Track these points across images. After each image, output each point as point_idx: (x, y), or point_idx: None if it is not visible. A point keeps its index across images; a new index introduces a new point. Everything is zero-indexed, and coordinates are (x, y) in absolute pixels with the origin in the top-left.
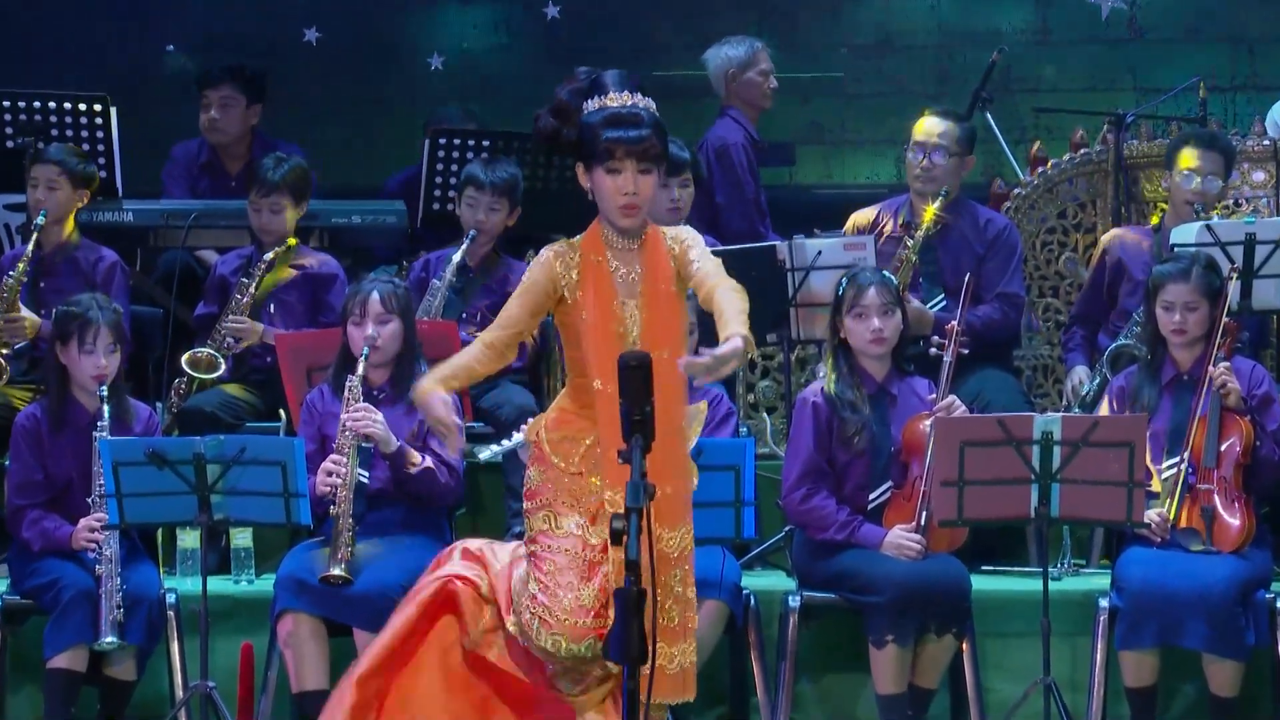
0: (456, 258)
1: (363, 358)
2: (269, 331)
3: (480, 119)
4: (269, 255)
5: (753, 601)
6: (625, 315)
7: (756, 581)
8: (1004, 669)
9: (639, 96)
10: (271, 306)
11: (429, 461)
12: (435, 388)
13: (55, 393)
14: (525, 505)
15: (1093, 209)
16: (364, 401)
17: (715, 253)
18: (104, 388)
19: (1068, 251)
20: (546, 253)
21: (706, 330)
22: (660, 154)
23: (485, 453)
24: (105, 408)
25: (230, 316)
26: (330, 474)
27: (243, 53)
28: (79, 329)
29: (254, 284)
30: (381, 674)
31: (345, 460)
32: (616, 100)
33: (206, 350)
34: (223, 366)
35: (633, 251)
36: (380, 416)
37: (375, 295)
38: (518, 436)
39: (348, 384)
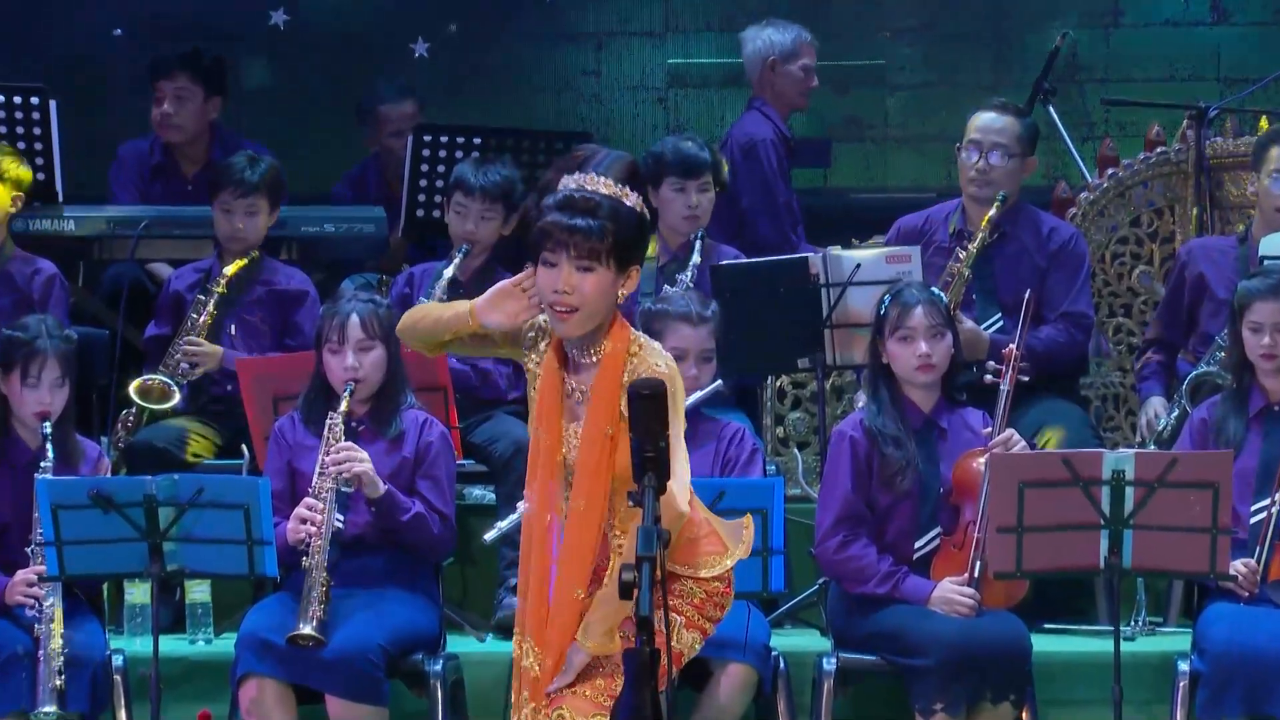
0: (448, 273)
1: (346, 395)
2: (230, 356)
3: (469, 113)
4: (228, 269)
5: (782, 664)
6: (567, 441)
7: (787, 642)
8: None
9: (616, 185)
10: (233, 328)
11: (420, 507)
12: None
13: None
14: None
15: (1170, 216)
16: (344, 439)
17: (740, 266)
18: (47, 424)
19: (1142, 265)
20: (540, 322)
21: (725, 359)
22: (609, 251)
23: (491, 533)
24: (49, 445)
25: (185, 338)
26: (305, 520)
27: (200, 38)
28: (23, 359)
29: (211, 301)
30: None
31: (322, 506)
32: (577, 182)
33: (158, 378)
34: (177, 396)
35: (590, 364)
36: (366, 456)
37: (355, 319)
38: (523, 507)
39: (328, 422)
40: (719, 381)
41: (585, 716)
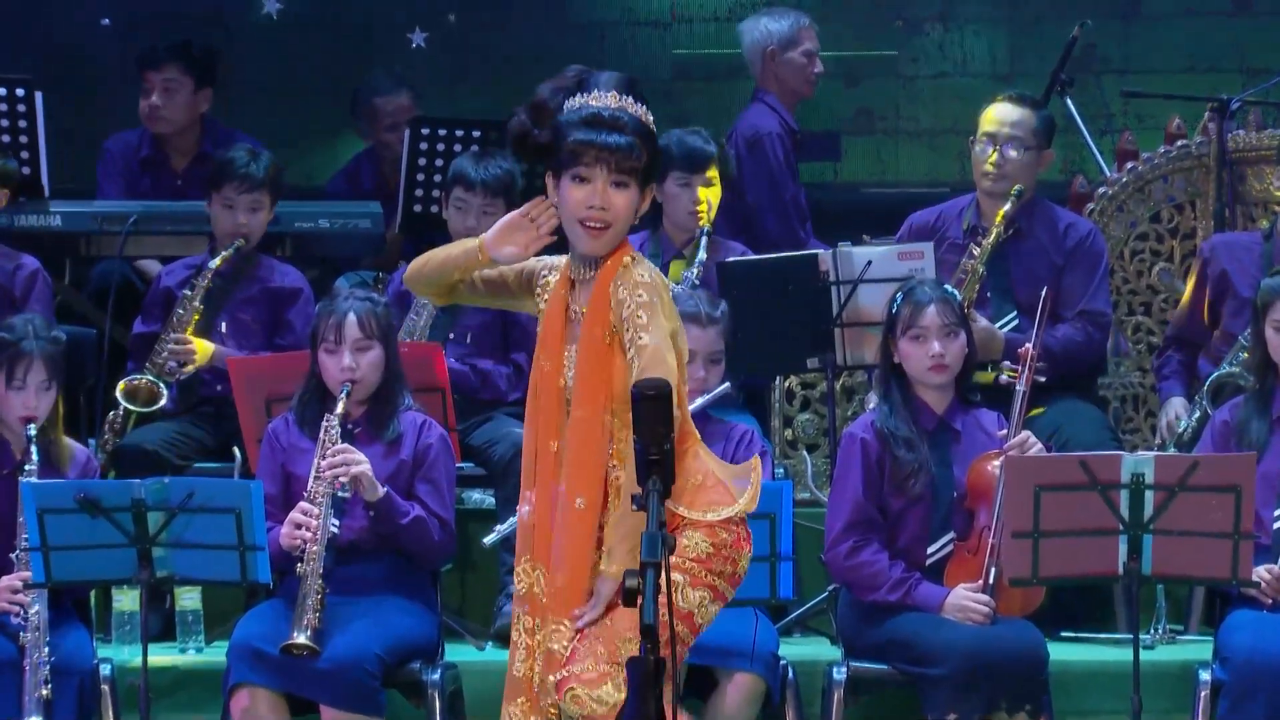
0: None
1: (343, 396)
2: (220, 353)
3: (468, 105)
4: (215, 261)
5: (791, 674)
6: (568, 364)
7: (796, 650)
8: None
9: (630, 100)
10: (224, 325)
11: (419, 512)
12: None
13: None
14: None
15: (1191, 211)
16: (340, 442)
17: (747, 263)
18: (32, 427)
19: (1161, 261)
20: (556, 266)
21: (732, 359)
22: (643, 169)
23: (491, 536)
24: (33, 448)
25: (173, 335)
26: (299, 525)
27: (190, 28)
28: (8, 361)
29: (199, 296)
30: None
31: (318, 511)
32: (600, 100)
33: (146, 378)
34: (165, 396)
35: (587, 284)
36: (364, 458)
37: (352, 318)
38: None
39: (324, 424)
40: (727, 384)
41: (595, 688)
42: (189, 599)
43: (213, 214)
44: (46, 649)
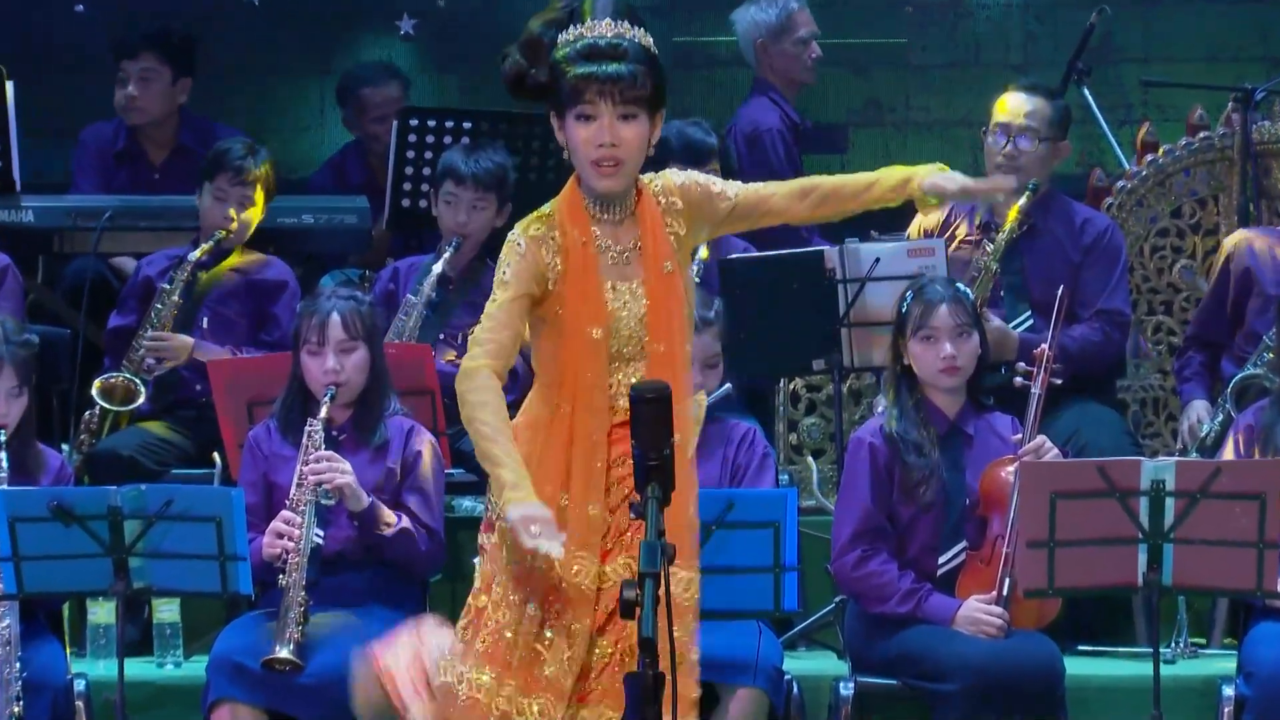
0: (437, 269)
1: (327, 400)
2: (201, 348)
3: (458, 95)
4: (195, 253)
5: (796, 689)
6: (616, 309)
7: (801, 665)
8: None
9: (626, 25)
10: (204, 320)
11: (405, 522)
12: (525, 502)
13: None
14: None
15: (1214, 206)
16: (324, 448)
17: (750, 260)
18: (2, 434)
19: (1183, 258)
20: (522, 239)
21: (734, 360)
22: (650, 96)
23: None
24: (3, 455)
25: (150, 330)
26: (281, 535)
27: (168, 14)
28: None
29: (178, 290)
30: None
31: (301, 520)
32: (595, 30)
33: (123, 375)
34: (142, 395)
35: (620, 224)
36: (349, 466)
37: (336, 318)
38: None
39: (307, 429)
40: (728, 386)
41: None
42: (167, 611)
43: (202, 205)
44: (18, 664)
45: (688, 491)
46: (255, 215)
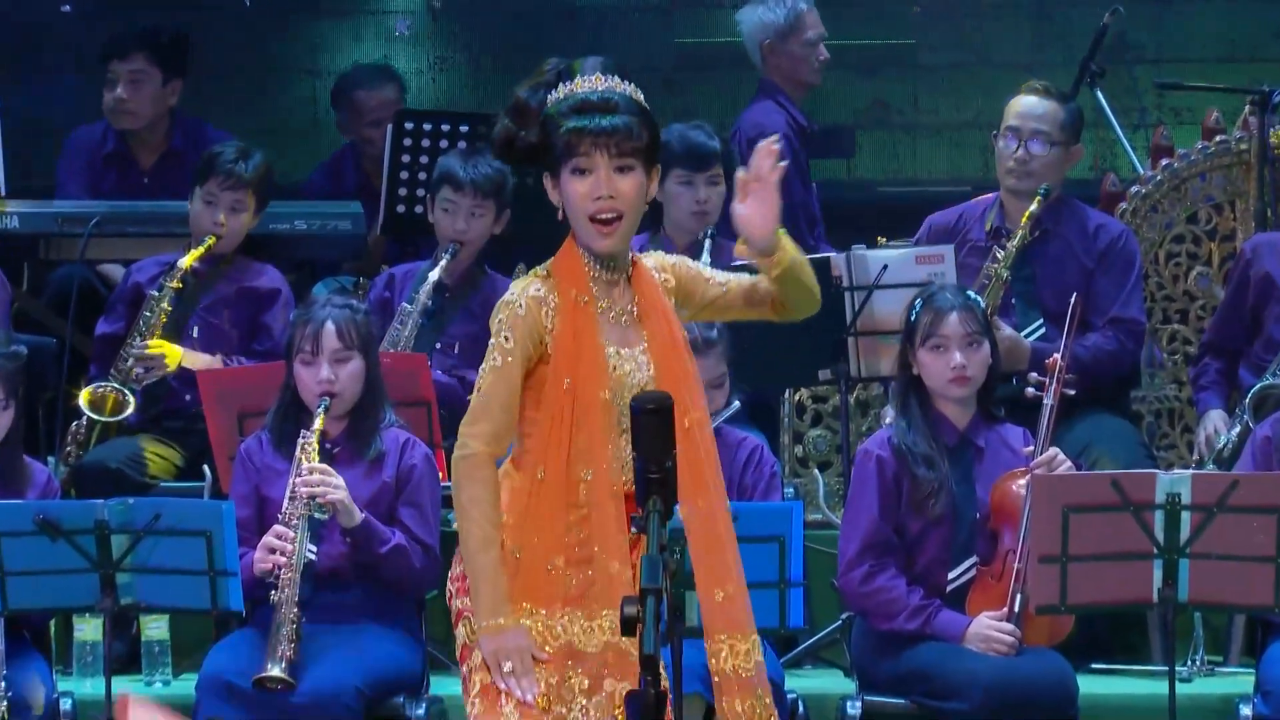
0: (434, 276)
1: (320, 411)
2: (191, 357)
3: (455, 97)
4: (184, 259)
5: (801, 708)
6: (621, 373)
7: (806, 683)
8: None
9: (616, 79)
10: (195, 329)
11: (400, 538)
12: (500, 633)
13: None
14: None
15: (1231, 211)
16: (318, 461)
17: (754, 267)
18: None
19: (1199, 265)
20: (522, 300)
21: (738, 371)
22: (645, 148)
23: None
24: None
25: (139, 339)
26: (273, 550)
27: (158, 13)
28: None
29: (167, 298)
30: None
31: (293, 535)
32: (586, 85)
33: (111, 385)
34: (131, 405)
35: (619, 284)
36: (342, 481)
37: (331, 327)
38: None
39: (300, 441)
40: (735, 404)
41: None
42: (155, 628)
43: (192, 210)
44: (3, 682)
45: (741, 573)
46: (247, 221)
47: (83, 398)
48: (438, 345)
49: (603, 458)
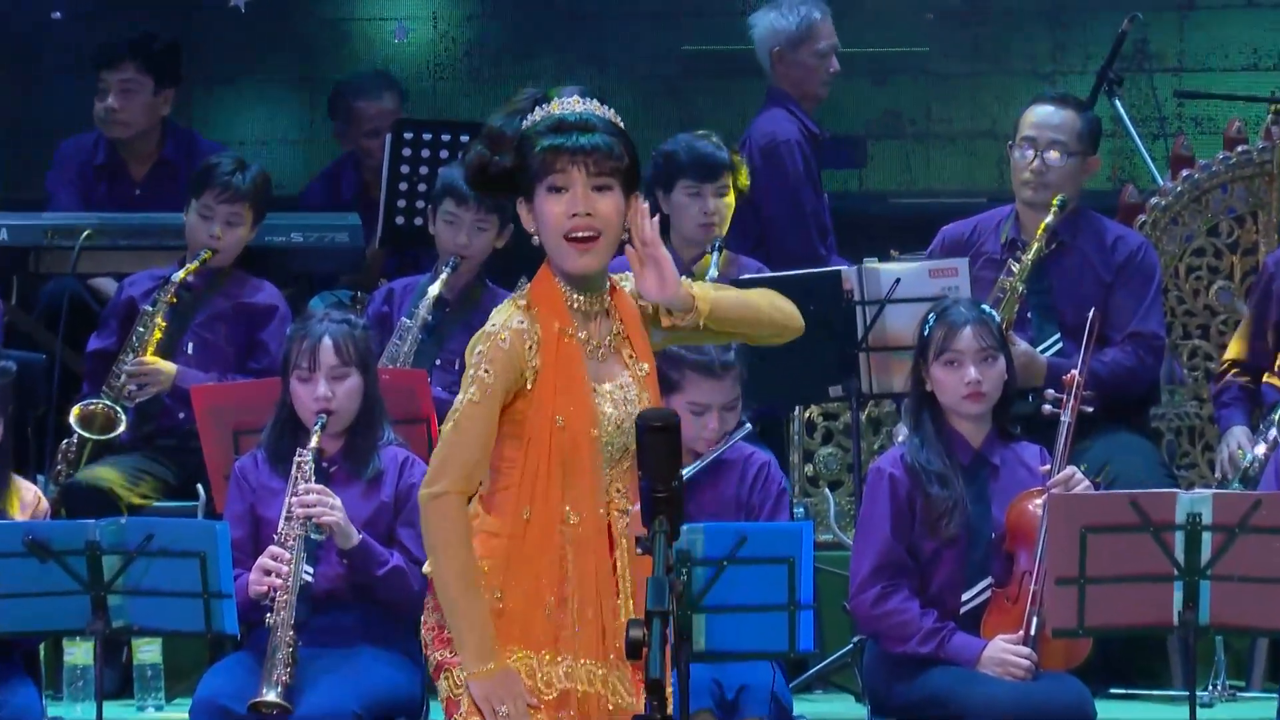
0: (434, 290)
1: (317, 429)
2: (186, 375)
3: (456, 106)
4: (179, 273)
5: None
6: (604, 411)
7: (817, 708)
8: None
9: (595, 102)
10: (189, 346)
11: (398, 560)
12: (489, 678)
13: None
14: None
15: (1253, 223)
16: (314, 480)
17: (762, 281)
18: None
19: (1220, 279)
20: (503, 330)
21: (747, 388)
22: (624, 170)
23: None
24: None
25: (131, 360)
26: (269, 572)
27: (150, 20)
28: None
29: (160, 313)
30: None
31: (289, 556)
32: (565, 105)
33: (103, 402)
34: (123, 423)
35: (596, 317)
36: (339, 502)
37: (328, 342)
38: None
39: (296, 460)
40: (747, 426)
41: None
42: (148, 652)
43: (188, 223)
44: None
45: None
46: (244, 234)
47: (73, 415)
48: (438, 361)
49: (591, 498)
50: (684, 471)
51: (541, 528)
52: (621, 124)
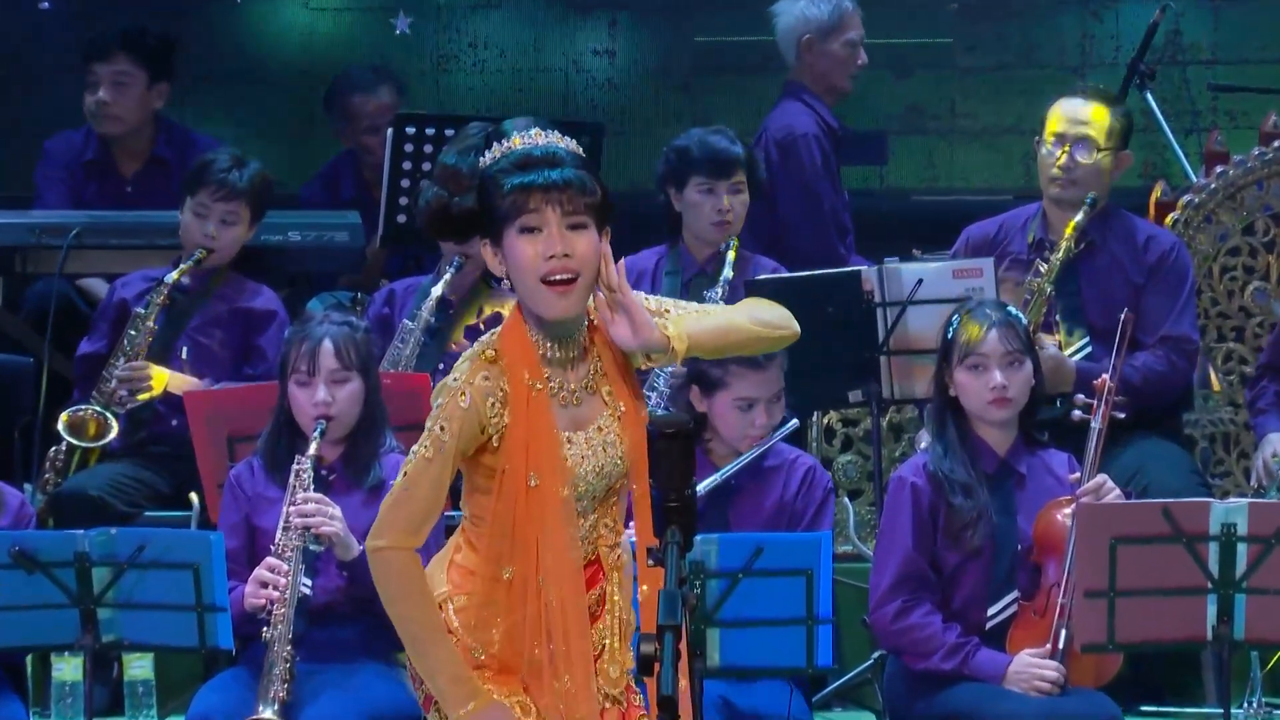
0: (437, 291)
1: (316, 436)
2: (177, 380)
3: (459, 100)
4: (172, 274)
5: None
6: (574, 463)
7: None
8: None
9: (556, 134)
10: (184, 351)
11: None
12: (481, 711)
13: None
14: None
15: None
16: (313, 488)
17: (780, 281)
18: None
19: (1256, 280)
20: (467, 390)
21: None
22: (597, 206)
23: None
24: None
25: (123, 364)
26: (265, 584)
27: (143, 12)
28: None
29: (153, 315)
30: None
31: (286, 568)
32: (527, 139)
33: (92, 409)
34: (114, 430)
35: (576, 360)
36: (338, 512)
37: (328, 345)
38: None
39: (295, 467)
40: (794, 421)
41: None
42: (139, 667)
43: (183, 222)
44: None
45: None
46: (241, 234)
47: (62, 421)
48: (441, 365)
49: (565, 555)
50: (727, 470)
51: (522, 587)
52: (584, 155)
